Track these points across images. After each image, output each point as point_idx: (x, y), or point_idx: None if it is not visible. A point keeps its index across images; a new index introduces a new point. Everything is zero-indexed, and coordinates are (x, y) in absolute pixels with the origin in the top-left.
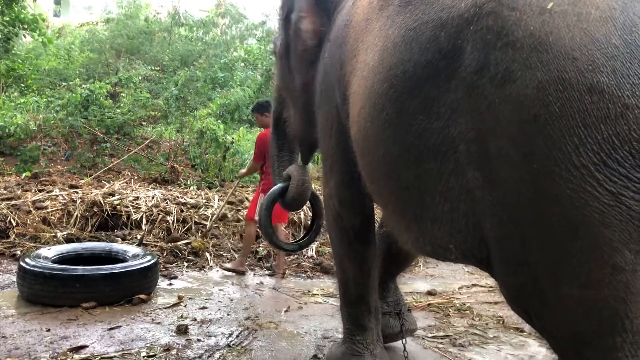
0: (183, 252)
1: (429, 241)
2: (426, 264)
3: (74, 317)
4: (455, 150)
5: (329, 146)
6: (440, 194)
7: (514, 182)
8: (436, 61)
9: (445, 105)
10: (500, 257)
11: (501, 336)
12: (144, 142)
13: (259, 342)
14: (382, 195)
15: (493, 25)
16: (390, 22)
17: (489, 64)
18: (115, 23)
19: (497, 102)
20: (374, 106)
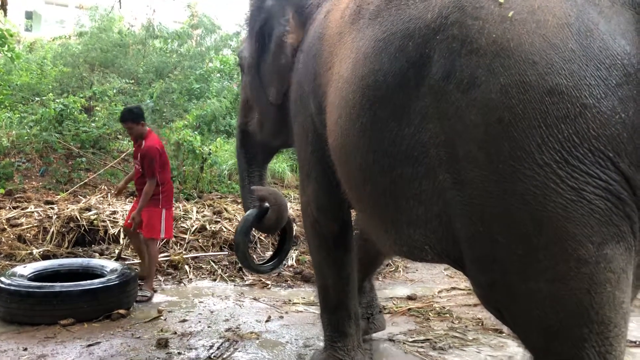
0: (162, 266)
1: (406, 243)
2: (406, 269)
3: (51, 334)
4: (426, 155)
5: (305, 154)
6: (414, 198)
7: (481, 182)
8: (405, 70)
9: (415, 112)
10: (471, 255)
11: (480, 338)
12: (120, 156)
13: (240, 353)
14: (360, 201)
15: (458, 34)
16: (361, 35)
17: (455, 71)
18: (88, 37)
19: (464, 107)
20: (349, 115)
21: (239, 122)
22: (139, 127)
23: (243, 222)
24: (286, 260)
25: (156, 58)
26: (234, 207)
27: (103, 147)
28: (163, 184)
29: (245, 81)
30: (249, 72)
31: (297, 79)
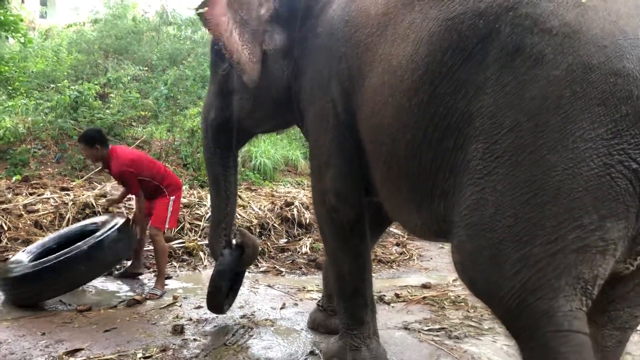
0: (177, 252)
1: (436, 219)
2: (420, 258)
3: (68, 320)
4: (469, 125)
5: (323, 141)
6: (449, 170)
7: (515, 151)
8: (473, 45)
9: (474, 84)
10: (466, 222)
11: (496, 327)
12: (134, 143)
13: (255, 340)
14: (397, 180)
15: (532, 12)
16: (422, 16)
17: (525, 47)
18: (103, 23)
19: (526, 81)
20: (405, 93)
21: (212, 117)
22: (93, 151)
23: (226, 267)
24: (300, 246)
25: (170, 45)
26: (248, 194)
27: (118, 134)
28: (163, 179)
29: (227, 67)
30: None
31: (311, 64)
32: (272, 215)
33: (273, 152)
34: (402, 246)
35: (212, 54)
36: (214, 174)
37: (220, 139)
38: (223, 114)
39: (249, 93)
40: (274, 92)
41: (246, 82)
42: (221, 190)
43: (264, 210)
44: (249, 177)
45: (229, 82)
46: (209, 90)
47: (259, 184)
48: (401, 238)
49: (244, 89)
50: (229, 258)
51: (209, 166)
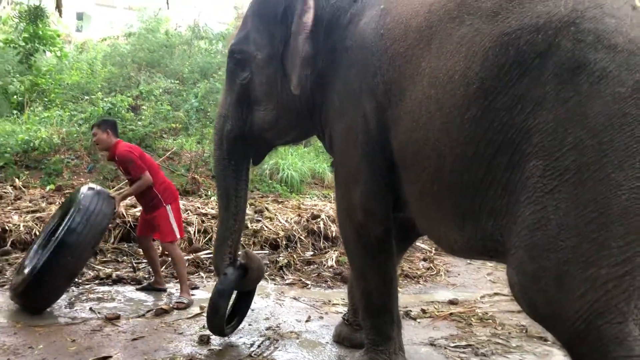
0: (205, 263)
1: (481, 236)
2: (448, 274)
3: (97, 328)
4: (526, 141)
5: (353, 156)
6: (503, 187)
7: (579, 169)
8: (531, 60)
9: (531, 100)
10: (526, 243)
11: (524, 345)
12: (165, 154)
13: (280, 352)
14: (438, 195)
15: (594, 29)
16: (475, 31)
17: (588, 63)
18: (136, 37)
19: (589, 97)
20: (456, 107)
21: (229, 128)
22: (105, 135)
23: (225, 286)
24: (326, 259)
25: (201, 58)
26: (275, 206)
27: (149, 145)
28: (156, 183)
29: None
30: (265, 65)
31: (339, 76)
32: (298, 228)
33: (300, 164)
34: (430, 261)
35: (231, 64)
36: (224, 188)
37: (235, 151)
38: (242, 125)
39: (272, 103)
40: (298, 102)
41: (293, 90)
42: (231, 204)
43: (290, 222)
44: (276, 190)
45: (250, 92)
46: (224, 101)
47: (285, 196)
48: (428, 253)
49: (268, 99)
50: (230, 278)
51: (221, 179)
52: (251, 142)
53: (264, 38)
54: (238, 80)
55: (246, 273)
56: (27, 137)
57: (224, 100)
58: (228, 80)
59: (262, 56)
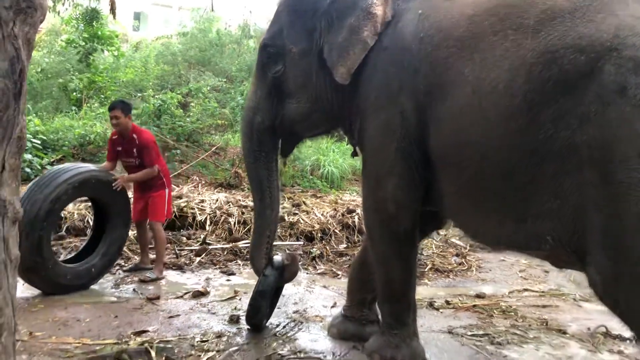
0: (242, 251)
1: (524, 235)
2: (479, 269)
3: (139, 306)
4: (576, 154)
5: (387, 150)
6: (552, 193)
7: (630, 181)
8: (575, 80)
9: (576, 116)
10: (602, 245)
11: (542, 337)
12: (211, 149)
13: (303, 333)
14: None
15: (634, 56)
16: (518, 45)
17: (629, 87)
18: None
19: (632, 118)
20: (501, 116)
21: (259, 120)
22: (126, 118)
23: (266, 287)
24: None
25: (249, 57)
26: (313, 200)
27: (196, 141)
28: (163, 168)
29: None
30: (300, 58)
31: (376, 73)
32: (333, 222)
33: (341, 161)
34: (462, 257)
35: (263, 57)
36: (258, 179)
37: (266, 143)
38: (273, 117)
39: (306, 96)
40: (331, 95)
41: (340, 80)
42: (265, 195)
43: (326, 216)
44: (317, 185)
45: (283, 85)
46: (254, 94)
47: (325, 192)
48: (462, 249)
49: (302, 92)
50: (270, 279)
51: (252, 171)
52: (281, 134)
53: (300, 32)
54: (270, 73)
55: (283, 271)
56: (84, 132)
57: (254, 93)
58: (258, 74)
59: (297, 49)
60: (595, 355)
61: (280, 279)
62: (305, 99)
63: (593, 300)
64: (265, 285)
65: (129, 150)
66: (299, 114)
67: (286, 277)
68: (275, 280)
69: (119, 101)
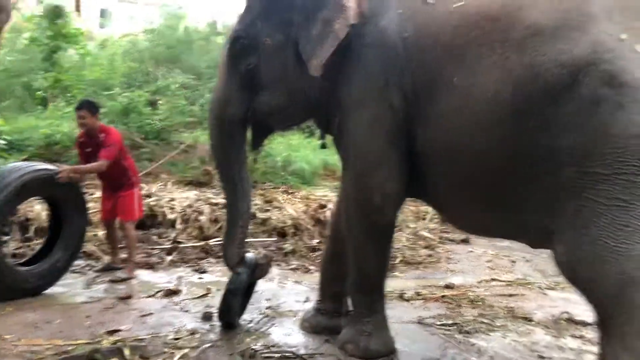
0: (214, 249)
1: (512, 225)
2: (448, 261)
3: (110, 306)
4: (558, 156)
5: (375, 142)
6: (535, 189)
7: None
8: (557, 91)
9: (560, 123)
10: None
11: (508, 325)
12: (180, 147)
13: (276, 328)
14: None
15: (609, 69)
16: (505, 59)
17: (605, 97)
18: (155, 33)
19: (609, 124)
20: (489, 121)
21: (231, 112)
22: (93, 118)
23: (238, 285)
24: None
25: (218, 54)
26: (284, 196)
27: (165, 139)
28: (130, 167)
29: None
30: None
31: (359, 68)
32: (305, 217)
33: (312, 156)
34: (431, 249)
35: (236, 49)
36: (228, 172)
37: (237, 136)
38: (245, 110)
39: (282, 88)
40: (307, 88)
41: (313, 72)
42: (237, 188)
43: (298, 212)
44: (288, 181)
45: (256, 77)
46: (224, 86)
47: (297, 188)
48: (431, 241)
49: (277, 84)
50: (242, 277)
51: (223, 163)
52: (253, 126)
53: (276, 25)
54: (243, 65)
55: (255, 269)
56: (50, 132)
57: (224, 86)
58: (229, 66)
59: (273, 42)
60: (559, 340)
61: (252, 277)
62: (281, 92)
63: (557, 289)
64: (237, 283)
65: (97, 151)
66: (273, 107)
67: (257, 274)
68: (248, 278)
69: (85, 101)
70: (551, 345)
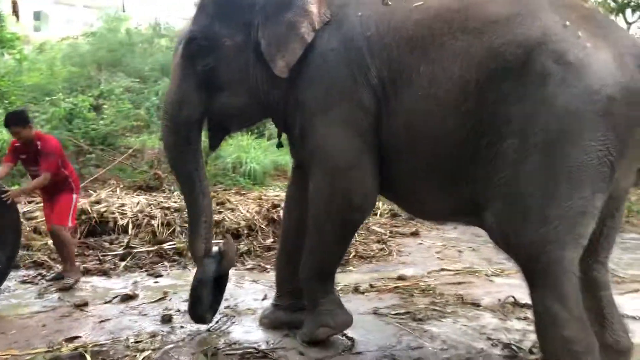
0: (168, 253)
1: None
2: (400, 253)
3: (67, 314)
4: (506, 126)
5: (349, 142)
6: (485, 160)
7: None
8: (515, 67)
9: (515, 96)
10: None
11: (459, 311)
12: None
13: (237, 326)
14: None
15: (557, 49)
16: (468, 45)
17: (552, 73)
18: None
19: (556, 95)
20: (454, 101)
21: (186, 114)
22: (28, 129)
23: (206, 276)
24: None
25: (162, 56)
26: (237, 197)
27: (111, 144)
28: (72, 173)
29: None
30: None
31: (326, 74)
32: (259, 217)
33: (262, 157)
34: (383, 243)
35: (192, 49)
36: (186, 172)
37: (193, 137)
38: (202, 111)
39: (241, 90)
40: (267, 90)
41: (279, 73)
42: (196, 186)
43: (251, 212)
44: (240, 183)
45: (214, 78)
46: (178, 87)
47: (249, 189)
48: (382, 236)
49: (236, 86)
50: (210, 267)
51: (179, 164)
52: (210, 127)
53: (236, 25)
54: (199, 66)
55: (222, 259)
56: None
57: (178, 87)
58: (184, 67)
59: (232, 43)
60: (505, 323)
61: (219, 268)
62: (240, 93)
63: (503, 275)
64: (204, 274)
65: (34, 159)
66: (233, 107)
67: (224, 264)
68: (215, 269)
69: (11, 116)
70: (498, 328)
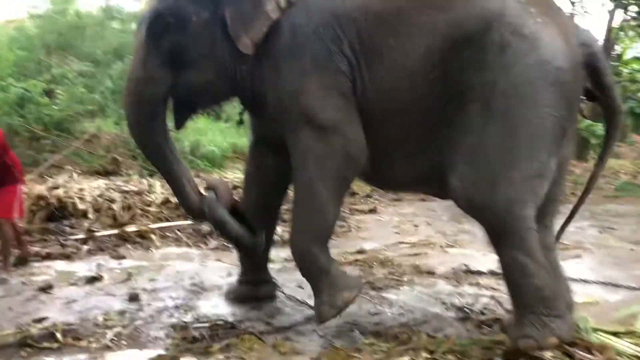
0: (130, 236)
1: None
2: (359, 229)
3: (32, 297)
4: (471, 91)
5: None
6: (448, 125)
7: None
8: (477, 37)
9: (476, 63)
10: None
11: (415, 279)
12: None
13: (203, 302)
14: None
15: (513, 22)
16: (433, 19)
17: (511, 43)
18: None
19: (513, 64)
20: (422, 71)
21: (152, 91)
22: None
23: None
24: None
25: (115, 39)
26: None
27: (66, 129)
28: (15, 163)
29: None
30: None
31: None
32: None
33: (221, 139)
34: (343, 220)
35: (158, 26)
36: (155, 144)
37: (159, 114)
38: (168, 88)
39: (209, 66)
40: (234, 66)
41: (244, 49)
42: (168, 155)
43: None
44: (198, 165)
45: (182, 54)
46: (143, 64)
47: (208, 171)
48: (342, 213)
49: (204, 62)
50: (211, 197)
51: (147, 138)
52: (177, 105)
53: (202, 2)
54: (165, 43)
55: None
56: None
57: (143, 64)
58: (149, 44)
59: (199, 19)
60: (459, 288)
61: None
62: (207, 69)
63: (456, 246)
64: (210, 205)
65: None
66: (200, 84)
67: (225, 198)
68: (215, 199)
69: None
70: (452, 293)
